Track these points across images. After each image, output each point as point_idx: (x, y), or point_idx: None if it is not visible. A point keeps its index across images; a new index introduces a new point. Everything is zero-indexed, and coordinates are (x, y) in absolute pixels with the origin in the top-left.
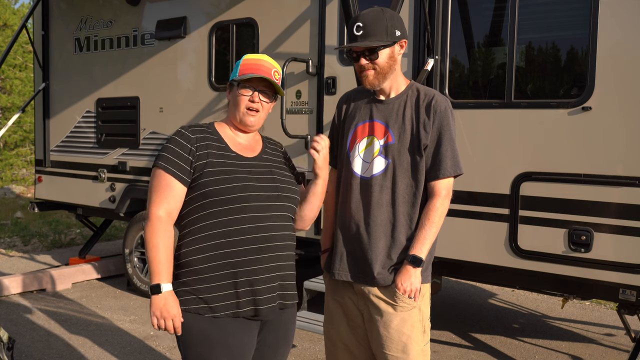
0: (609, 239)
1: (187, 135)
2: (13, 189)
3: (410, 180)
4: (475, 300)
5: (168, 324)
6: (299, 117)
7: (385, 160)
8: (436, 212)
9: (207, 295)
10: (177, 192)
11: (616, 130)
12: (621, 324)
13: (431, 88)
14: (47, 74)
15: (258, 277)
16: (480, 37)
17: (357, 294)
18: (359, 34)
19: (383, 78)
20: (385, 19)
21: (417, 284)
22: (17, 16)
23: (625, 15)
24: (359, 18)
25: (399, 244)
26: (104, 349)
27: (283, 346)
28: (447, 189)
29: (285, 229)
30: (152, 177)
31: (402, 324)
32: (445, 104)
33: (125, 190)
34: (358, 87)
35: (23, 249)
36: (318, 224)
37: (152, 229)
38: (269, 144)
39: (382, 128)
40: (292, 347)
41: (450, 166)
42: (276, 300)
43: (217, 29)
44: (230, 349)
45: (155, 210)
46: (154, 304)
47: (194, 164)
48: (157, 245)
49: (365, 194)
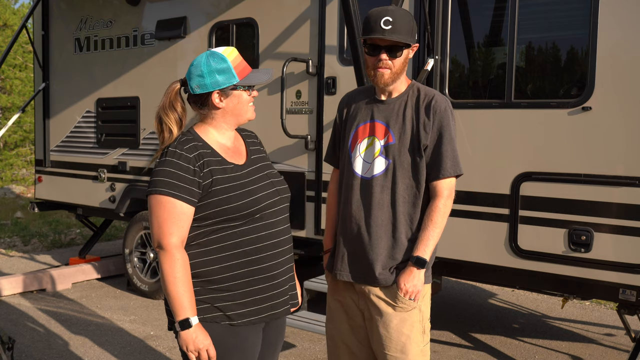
0: (609, 239)
1: (185, 155)
2: (13, 189)
3: (410, 180)
4: (475, 300)
5: (203, 355)
6: (299, 117)
7: (385, 161)
8: (438, 212)
9: (224, 304)
10: (188, 216)
11: (616, 130)
12: (621, 324)
13: (431, 88)
14: (47, 74)
15: (274, 282)
16: (480, 37)
17: (358, 293)
18: (387, 28)
19: (396, 78)
20: (411, 19)
21: (419, 285)
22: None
23: (625, 15)
24: (388, 12)
25: (400, 245)
26: (104, 349)
27: (279, 342)
28: (449, 189)
29: (289, 232)
30: (157, 205)
31: (402, 324)
32: (445, 104)
33: (125, 190)
34: (359, 88)
35: (23, 249)
36: (318, 224)
37: (170, 260)
38: (246, 138)
39: (382, 128)
40: (292, 347)
41: (450, 166)
42: (289, 302)
43: (217, 29)
44: (246, 351)
45: (169, 239)
46: (185, 339)
47: (202, 184)
48: (180, 279)
49: (366, 194)
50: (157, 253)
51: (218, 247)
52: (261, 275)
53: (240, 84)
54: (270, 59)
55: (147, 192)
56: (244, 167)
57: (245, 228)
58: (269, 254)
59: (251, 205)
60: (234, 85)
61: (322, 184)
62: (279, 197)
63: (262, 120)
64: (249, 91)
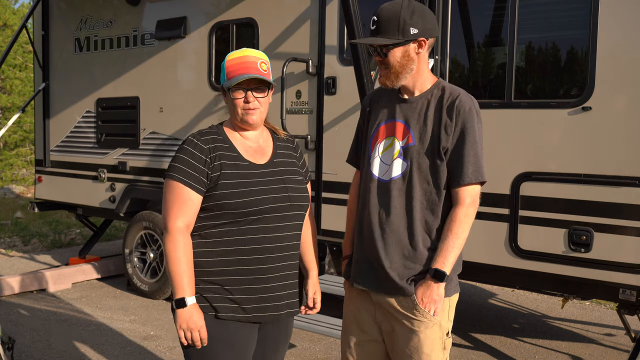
0: (609, 239)
1: (200, 145)
2: (13, 189)
3: (429, 185)
4: (475, 300)
5: (195, 336)
6: (299, 117)
7: (404, 163)
8: (459, 222)
9: (212, 295)
10: (194, 203)
11: (616, 130)
12: (621, 324)
13: (458, 87)
14: (47, 74)
15: (267, 285)
16: (480, 37)
17: (375, 304)
18: (372, 29)
19: (396, 78)
20: (401, 15)
21: (438, 300)
22: (17, 16)
23: (625, 15)
24: (378, 10)
25: (416, 253)
26: (104, 349)
27: (283, 343)
28: (471, 197)
29: (296, 239)
30: (167, 189)
31: (421, 343)
32: (470, 104)
33: (125, 190)
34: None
35: (23, 249)
36: (318, 224)
37: (172, 242)
38: (279, 142)
39: (402, 128)
40: (292, 347)
41: (471, 172)
42: (283, 310)
43: (217, 29)
44: (233, 345)
45: (174, 222)
46: (180, 318)
47: (210, 175)
48: (179, 259)
49: (383, 198)
50: (163, 234)
51: (217, 241)
52: (254, 276)
53: (226, 84)
54: (270, 58)
55: (164, 175)
56: (261, 167)
57: (247, 227)
58: (267, 257)
59: (252, 205)
60: (223, 85)
61: (322, 184)
62: (290, 203)
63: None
64: (242, 93)
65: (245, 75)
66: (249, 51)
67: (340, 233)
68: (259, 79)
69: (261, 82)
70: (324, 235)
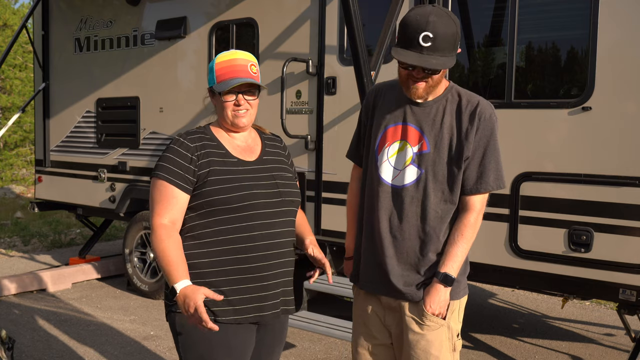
0: (609, 239)
1: (187, 144)
2: (13, 189)
3: (444, 194)
4: (475, 300)
5: (191, 308)
6: (299, 117)
7: (418, 170)
8: (471, 227)
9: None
10: (180, 201)
11: (616, 130)
12: (621, 324)
13: (473, 92)
14: (47, 74)
15: (263, 284)
16: (480, 37)
17: (385, 308)
18: (426, 46)
19: (433, 90)
20: (455, 29)
21: (446, 303)
22: (17, 16)
23: (625, 15)
24: (429, 25)
25: (428, 260)
26: (104, 349)
27: (278, 346)
28: (482, 203)
29: (289, 235)
30: (153, 187)
31: (429, 345)
32: (490, 111)
33: (125, 190)
34: (390, 82)
35: (23, 249)
36: (318, 224)
37: (157, 237)
38: (268, 140)
39: (416, 134)
40: (292, 347)
41: (493, 180)
42: (279, 307)
43: (217, 29)
44: (231, 349)
45: (159, 220)
46: (178, 302)
47: (197, 173)
48: (165, 249)
49: (394, 205)
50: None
51: (210, 241)
52: (249, 275)
53: (216, 88)
54: (271, 59)
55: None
56: (251, 164)
57: (240, 225)
58: (260, 255)
59: (243, 199)
60: (212, 87)
61: (322, 184)
62: (281, 199)
63: (262, 120)
64: (233, 96)
65: (238, 79)
66: (238, 53)
67: (340, 233)
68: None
69: (252, 85)
70: (324, 235)
